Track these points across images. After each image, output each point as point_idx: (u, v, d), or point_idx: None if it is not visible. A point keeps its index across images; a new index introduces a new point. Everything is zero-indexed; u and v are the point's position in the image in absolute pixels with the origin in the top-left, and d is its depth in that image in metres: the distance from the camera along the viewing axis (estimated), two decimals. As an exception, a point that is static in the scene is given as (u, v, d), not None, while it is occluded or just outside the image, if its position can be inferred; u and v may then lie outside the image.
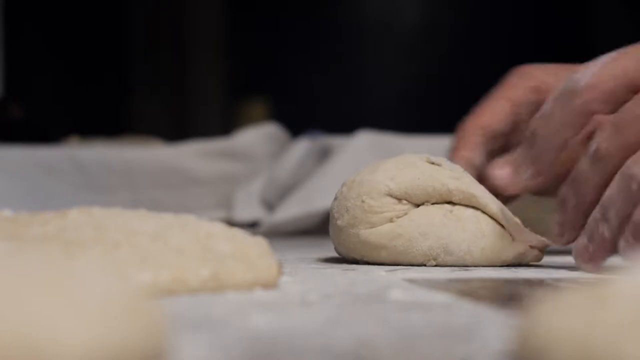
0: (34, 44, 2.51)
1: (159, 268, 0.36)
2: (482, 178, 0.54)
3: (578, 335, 0.19)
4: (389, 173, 0.52)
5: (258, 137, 1.23)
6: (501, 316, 0.32)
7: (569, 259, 0.56)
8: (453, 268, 0.50)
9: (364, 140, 1.03)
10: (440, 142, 0.63)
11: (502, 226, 0.52)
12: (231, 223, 0.46)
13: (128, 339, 0.20)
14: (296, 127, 1.36)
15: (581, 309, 0.20)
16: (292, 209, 0.98)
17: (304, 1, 2.89)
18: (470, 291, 0.40)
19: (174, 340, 0.22)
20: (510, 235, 0.52)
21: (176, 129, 2.50)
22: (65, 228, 0.39)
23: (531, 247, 0.52)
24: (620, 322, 0.19)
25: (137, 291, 0.22)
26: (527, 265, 0.52)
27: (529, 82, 0.59)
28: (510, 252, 0.52)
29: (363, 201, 0.52)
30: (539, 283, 0.43)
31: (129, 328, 0.20)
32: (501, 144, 0.59)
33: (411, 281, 0.43)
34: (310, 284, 0.41)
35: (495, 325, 0.30)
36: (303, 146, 1.12)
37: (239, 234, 0.40)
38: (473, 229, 0.51)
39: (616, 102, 0.47)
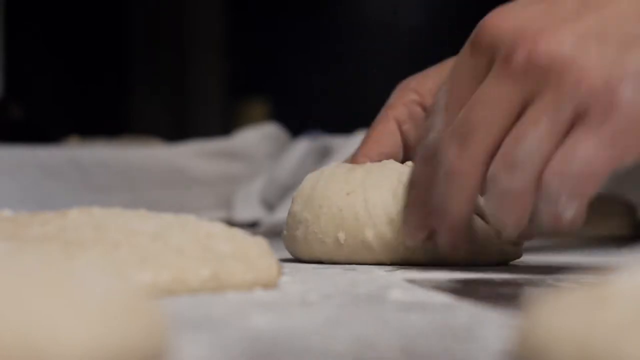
0: (34, 44, 2.51)
1: (159, 268, 0.36)
2: None
3: (578, 335, 0.19)
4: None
5: (258, 137, 1.23)
6: (501, 316, 0.32)
7: (569, 259, 0.56)
8: (453, 268, 0.50)
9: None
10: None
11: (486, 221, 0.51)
12: (231, 223, 0.46)
13: (128, 339, 0.20)
14: (296, 127, 1.37)
15: (581, 309, 0.20)
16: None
17: (304, 1, 2.89)
18: (470, 291, 0.40)
19: (174, 340, 0.22)
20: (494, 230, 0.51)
21: (176, 129, 2.50)
22: (65, 228, 0.39)
23: (514, 244, 0.51)
24: (620, 322, 0.19)
25: (137, 291, 0.22)
26: (526, 265, 0.52)
27: (408, 96, 0.56)
28: (493, 248, 0.51)
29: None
30: (539, 283, 0.43)
31: (129, 328, 0.20)
32: None
33: (411, 281, 0.43)
34: (310, 284, 0.41)
35: (495, 325, 0.30)
36: (303, 146, 1.12)
37: (239, 234, 0.40)
38: None
39: None
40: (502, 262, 0.52)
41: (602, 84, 0.40)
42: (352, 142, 1.04)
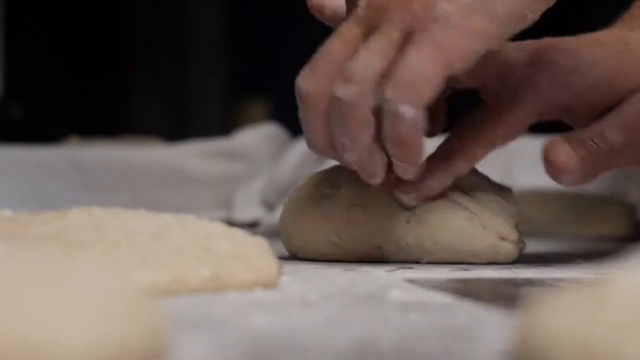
0: (34, 44, 2.51)
1: (159, 268, 0.36)
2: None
3: (578, 335, 0.19)
4: None
5: (258, 137, 1.23)
6: (501, 316, 0.32)
7: (569, 259, 0.56)
8: (453, 268, 0.50)
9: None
10: (438, 142, 0.63)
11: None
12: (231, 223, 0.46)
13: (128, 339, 0.20)
14: (296, 127, 1.36)
15: (581, 309, 0.20)
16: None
17: (304, 1, 2.89)
18: (470, 291, 0.40)
19: (174, 340, 0.22)
20: (480, 224, 0.51)
21: (176, 129, 2.50)
22: (65, 228, 0.39)
23: (502, 238, 0.52)
24: (620, 322, 0.19)
25: (137, 291, 0.22)
26: (526, 265, 0.52)
27: None
28: (480, 241, 0.51)
29: None
30: (539, 283, 0.43)
31: (129, 328, 0.20)
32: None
33: (411, 281, 0.43)
34: (310, 284, 0.41)
35: (495, 325, 0.30)
36: (303, 146, 1.12)
37: (239, 234, 0.40)
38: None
39: None
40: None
41: (422, 8, 0.47)
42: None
